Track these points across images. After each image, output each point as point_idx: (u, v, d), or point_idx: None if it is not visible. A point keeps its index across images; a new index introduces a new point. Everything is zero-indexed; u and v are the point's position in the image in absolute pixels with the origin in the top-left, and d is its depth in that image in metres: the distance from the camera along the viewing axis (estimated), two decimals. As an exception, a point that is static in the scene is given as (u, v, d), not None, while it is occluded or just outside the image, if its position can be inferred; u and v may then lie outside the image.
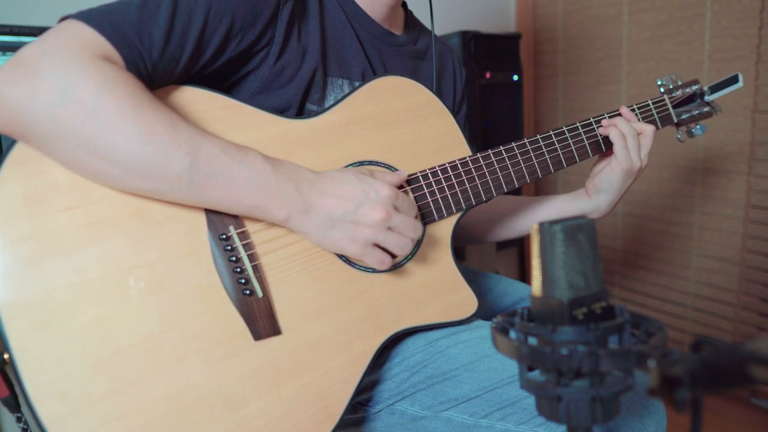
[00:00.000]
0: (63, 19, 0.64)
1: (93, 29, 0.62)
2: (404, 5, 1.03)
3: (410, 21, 1.03)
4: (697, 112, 1.09)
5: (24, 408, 0.78)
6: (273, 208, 0.69)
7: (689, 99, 1.09)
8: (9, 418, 1.47)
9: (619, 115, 0.99)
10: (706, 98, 1.09)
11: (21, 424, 0.89)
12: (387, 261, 0.74)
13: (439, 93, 1.07)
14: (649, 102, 1.05)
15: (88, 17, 0.63)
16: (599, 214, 1.03)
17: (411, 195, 0.84)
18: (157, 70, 0.67)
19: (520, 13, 2.44)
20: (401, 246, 0.74)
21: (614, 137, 0.96)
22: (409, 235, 0.75)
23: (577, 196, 1.05)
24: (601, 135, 0.99)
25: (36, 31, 1.19)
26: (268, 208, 0.69)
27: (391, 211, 0.72)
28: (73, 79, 0.58)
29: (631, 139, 0.96)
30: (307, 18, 0.84)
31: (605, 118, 0.99)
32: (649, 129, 0.97)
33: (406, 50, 0.99)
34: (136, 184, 0.63)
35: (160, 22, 0.66)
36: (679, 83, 1.09)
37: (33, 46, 0.60)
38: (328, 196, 0.71)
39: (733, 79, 1.06)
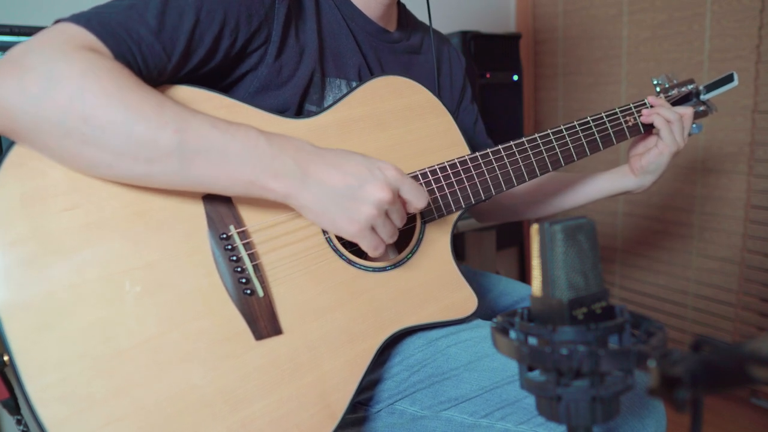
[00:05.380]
0: (55, 23, 0.65)
1: (81, 27, 0.63)
2: (398, 1, 1.03)
3: (403, 16, 1.03)
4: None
5: (24, 410, 0.78)
6: (270, 182, 0.66)
7: (685, 98, 1.09)
8: (9, 420, 1.47)
9: (644, 106, 1.04)
10: (702, 97, 1.09)
11: (21, 427, 0.89)
12: (381, 247, 0.71)
13: (439, 86, 1.08)
14: (646, 101, 1.05)
15: (76, 18, 0.64)
16: (642, 190, 1.08)
17: None
18: (148, 64, 0.67)
19: (520, 13, 2.44)
20: (391, 234, 0.71)
21: (659, 123, 1.00)
22: (398, 224, 0.72)
23: (622, 174, 1.09)
24: (643, 122, 1.03)
25: (36, 32, 1.19)
26: (265, 183, 0.66)
27: (396, 193, 0.69)
28: (58, 69, 0.59)
29: (677, 123, 1.00)
30: (303, 18, 0.84)
31: (602, 116, 1.00)
32: (689, 111, 1.02)
33: (400, 46, 1.00)
34: (128, 169, 0.63)
35: (149, 18, 0.67)
36: (675, 82, 1.10)
37: (21, 45, 0.61)
38: (331, 169, 0.67)
39: (728, 78, 1.06)
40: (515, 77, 2.05)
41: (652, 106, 1.03)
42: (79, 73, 0.59)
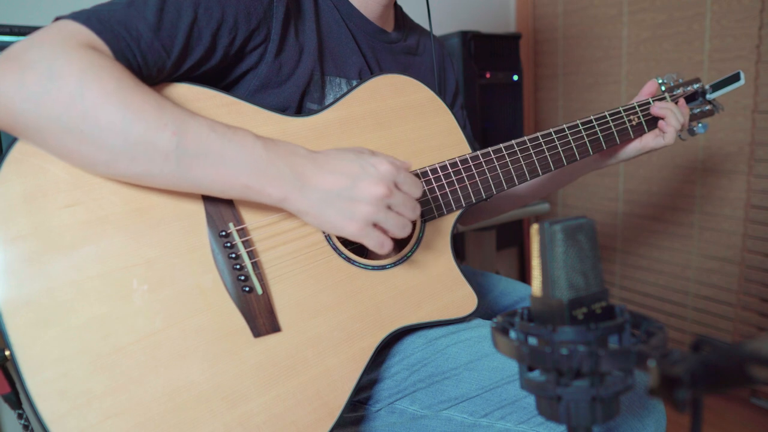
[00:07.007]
0: (55, 20, 0.65)
1: (81, 24, 0.63)
2: (395, 3, 1.03)
3: (400, 18, 1.04)
4: (698, 110, 1.08)
5: (25, 405, 0.78)
6: (267, 187, 0.66)
7: (691, 97, 1.08)
8: (9, 414, 1.47)
9: (649, 104, 1.05)
10: (708, 96, 1.08)
11: (22, 421, 0.89)
12: (387, 244, 0.70)
13: (441, 87, 1.08)
14: (650, 100, 1.05)
15: (76, 16, 0.64)
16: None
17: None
18: (147, 61, 0.67)
19: (520, 13, 2.44)
20: (401, 226, 0.71)
21: (671, 121, 1.02)
22: (408, 215, 0.72)
23: (594, 160, 1.10)
24: (653, 114, 1.04)
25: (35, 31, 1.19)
26: (261, 188, 0.66)
27: (391, 187, 0.69)
28: (58, 66, 0.59)
29: (679, 124, 1.02)
30: (303, 18, 0.84)
31: (605, 115, 1.00)
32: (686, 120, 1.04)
33: (398, 47, 1.00)
34: (125, 168, 0.63)
35: (148, 15, 0.67)
36: (681, 81, 1.09)
37: (21, 42, 0.61)
38: (324, 173, 0.68)
39: (735, 77, 1.06)
40: (515, 77, 2.05)
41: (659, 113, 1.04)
42: (78, 71, 0.59)
